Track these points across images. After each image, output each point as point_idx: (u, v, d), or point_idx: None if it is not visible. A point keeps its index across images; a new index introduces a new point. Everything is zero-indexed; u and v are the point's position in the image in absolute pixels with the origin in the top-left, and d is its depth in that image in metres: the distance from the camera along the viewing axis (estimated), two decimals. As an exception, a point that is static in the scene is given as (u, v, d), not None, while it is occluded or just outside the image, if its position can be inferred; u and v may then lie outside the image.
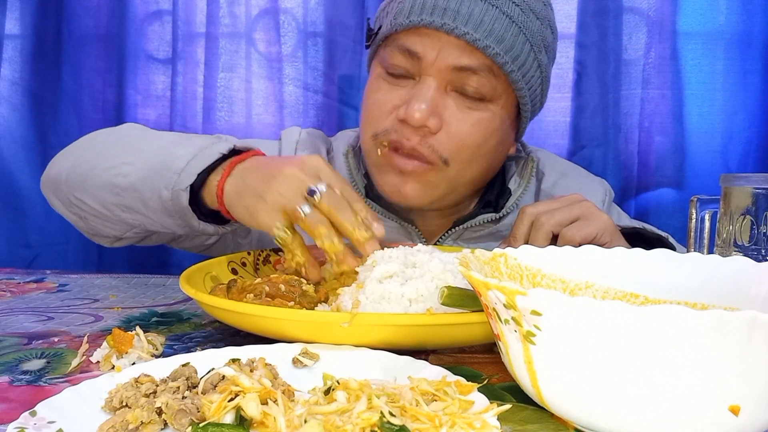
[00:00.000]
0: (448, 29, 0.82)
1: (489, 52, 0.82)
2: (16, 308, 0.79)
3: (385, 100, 0.88)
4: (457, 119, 0.86)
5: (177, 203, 0.75)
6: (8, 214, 1.58)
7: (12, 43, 1.58)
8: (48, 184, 0.92)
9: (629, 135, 1.41)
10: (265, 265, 0.86)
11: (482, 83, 0.84)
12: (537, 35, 0.87)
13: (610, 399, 0.39)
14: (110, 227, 0.88)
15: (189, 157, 0.75)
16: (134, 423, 0.41)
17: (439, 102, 0.85)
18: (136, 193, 0.79)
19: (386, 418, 0.38)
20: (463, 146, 0.86)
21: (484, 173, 0.94)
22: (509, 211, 0.97)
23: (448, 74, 0.84)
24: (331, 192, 0.67)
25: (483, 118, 0.87)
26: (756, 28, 1.35)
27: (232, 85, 1.52)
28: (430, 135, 0.85)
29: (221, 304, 0.59)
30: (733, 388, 0.36)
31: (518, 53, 0.85)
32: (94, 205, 0.84)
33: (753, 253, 0.67)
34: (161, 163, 0.77)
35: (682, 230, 0.78)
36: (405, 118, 0.84)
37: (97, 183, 0.82)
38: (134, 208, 0.81)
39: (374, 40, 0.92)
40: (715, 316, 0.34)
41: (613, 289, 0.57)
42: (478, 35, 0.82)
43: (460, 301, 0.55)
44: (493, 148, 0.90)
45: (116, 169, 0.80)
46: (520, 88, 0.87)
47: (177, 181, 0.74)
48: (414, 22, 0.84)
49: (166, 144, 0.81)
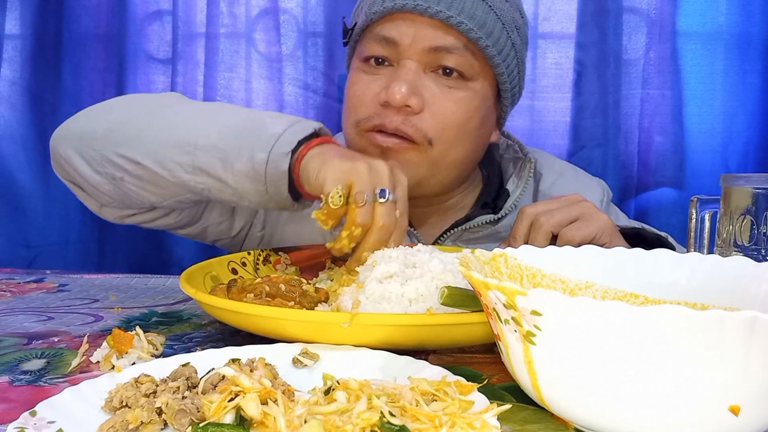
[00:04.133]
0: (421, 10, 0.84)
1: (462, 28, 0.85)
2: (16, 308, 0.79)
3: (366, 89, 0.90)
4: (439, 98, 0.87)
5: (275, 166, 0.73)
6: (8, 214, 1.58)
7: (12, 43, 1.58)
8: (67, 138, 0.86)
9: (629, 135, 1.41)
10: (265, 265, 0.86)
11: (459, 62, 0.87)
12: (507, 15, 0.89)
13: (610, 399, 0.39)
14: (153, 191, 0.82)
15: (285, 126, 0.74)
16: (134, 423, 0.41)
17: (419, 83, 0.87)
18: (217, 152, 0.75)
19: (386, 418, 0.38)
20: (446, 125, 0.88)
21: (467, 156, 0.94)
22: (508, 212, 0.98)
23: (425, 56, 0.86)
24: (392, 207, 0.68)
25: (464, 96, 0.89)
26: (756, 28, 1.35)
27: (232, 85, 1.52)
28: (413, 115, 0.87)
29: (221, 304, 0.59)
30: (733, 388, 0.36)
31: (491, 30, 0.87)
32: (147, 163, 0.79)
33: (753, 253, 0.67)
34: (252, 127, 0.76)
35: (682, 230, 0.78)
36: (387, 100, 0.85)
37: (159, 140, 0.78)
38: (207, 170, 0.76)
39: (351, 37, 0.94)
40: (715, 316, 0.34)
41: (613, 289, 0.57)
42: (451, 13, 0.84)
43: (460, 301, 0.55)
44: (475, 128, 0.91)
45: (187, 126, 0.78)
46: (496, 65, 0.89)
47: (277, 144, 0.73)
48: (388, 8, 0.86)
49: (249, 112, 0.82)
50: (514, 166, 1.03)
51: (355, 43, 0.94)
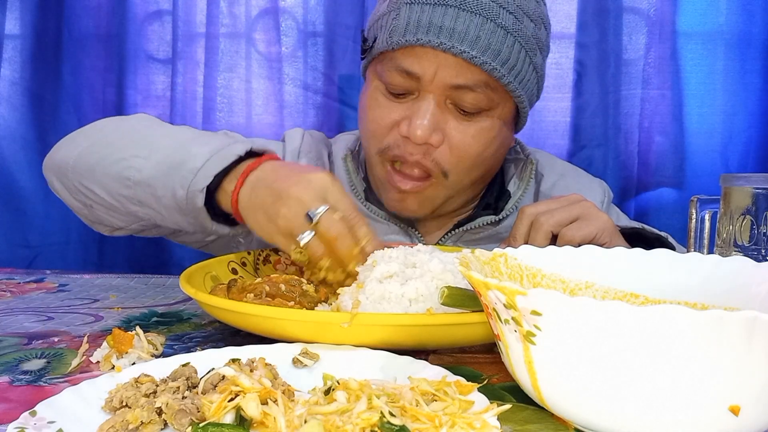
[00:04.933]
0: (444, 48, 0.82)
1: (486, 68, 0.83)
2: (16, 308, 0.79)
3: (385, 115, 0.89)
4: (458, 132, 0.87)
5: (192, 203, 0.75)
6: (8, 214, 1.58)
7: (12, 43, 1.58)
8: (52, 168, 0.91)
9: (629, 135, 1.41)
10: (265, 265, 0.86)
11: (479, 99, 0.86)
12: (531, 39, 0.87)
13: (610, 399, 0.39)
14: (117, 218, 0.87)
15: (206, 157, 0.74)
16: (134, 423, 0.41)
17: (439, 117, 0.86)
18: (149, 188, 0.78)
19: (386, 418, 0.38)
20: (464, 157, 0.88)
21: (482, 177, 0.95)
22: (509, 214, 0.98)
23: (446, 91, 0.85)
24: (329, 217, 0.66)
25: (483, 127, 0.88)
26: (756, 28, 1.35)
27: (232, 85, 1.52)
28: (433, 149, 0.87)
29: (221, 304, 0.59)
30: (733, 388, 0.36)
31: (514, 63, 0.85)
32: (102, 195, 0.83)
33: (753, 253, 0.67)
34: (177, 160, 0.76)
35: (682, 230, 0.78)
36: (408, 136, 0.85)
37: (108, 173, 0.81)
38: (146, 203, 0.80)
39: (370, 52, 0.92)
40: (715, 316, 0.34)
41: (613, 289, 0.57)
42: (475, 53, 0.82)
43: (460, 301, 0.55)
44: (492, 154, 0.92)
45: (128, 161, 0.80)
46: (518, 96, 0.89)
47: (193, 181, 0.74)
48: (410, 42, 0.84)
49: (182, 141, 0.80)
50: (515, 167, 1.03)
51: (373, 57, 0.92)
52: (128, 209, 0.83)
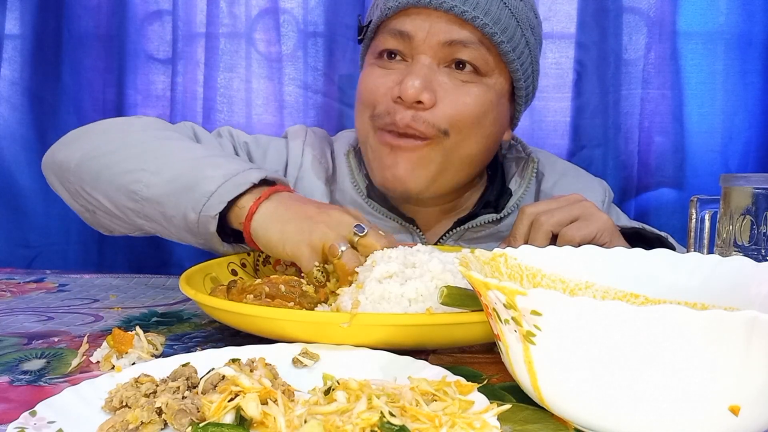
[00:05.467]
0: (436, 4, 0.84)
1: (477, 23, 0.84)
2: (16, 308, 0.79)
3: (379, 83, 0.89)
4: (453, 92, 0.87)
5: (204, 227, 0.74)
6: (8, 214, 1.57)
7: (12, 43, 1.57)
8: (51, 167, 0.89)
9: (629, 135, 1.41)
10: (265, 266, 0.86)
11: (474, 56, 0.86)
12: (522, 14, 0.89)
13: (610, 399, 0.39)
14: (120, 225, 0.86)
15: (219, 182, 0.74)
16: (134, 423, 0.41)
17: (432, 78, 0.86)
18: (158, 206, 0.77)
19: (386, 418, 0.38)
20: (460, 117, 0.87)
21: (480, 151, 0.93)
22: (510, 212, 0.98)
23: (440, 50, 0.86)
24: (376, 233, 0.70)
25: (478, 91, 0.88)
26: (756, 28, 1.34)
27: (232, 85, 1.52)
28: (424, 110, 0.86)
29: (221, 305, 0.59)
30: (733, 388, 0.36)
31: (506, 26, 0.86)
32: (106, 204, 0.82)
33: (753, 253, 0.67)
34: (189, 181, 0.75)
35: (682, 230, 0.78)
36: (399, 95, 0.85)
37: (113, 184, 0.80)
38: (153, 219, 0.80)
39: (366, 33, 0.93)
40: (715, 316, 0.34)
41: (613, 289, 0.57)
42: (466, 7, 0.84)
43: (459, 301, 0.55)
44: (490, 123, 0.91)
45: (135, 174, 0.78)
46: (511, 61, 0.89)
47: (206, 206, 0.73)
48: (403, 3, 0.86)
49: (193, 159, 0.79)
50: (516, 165, 1.03)
51: (369, 40, 0.94)
52: (133, 221, 0.83)
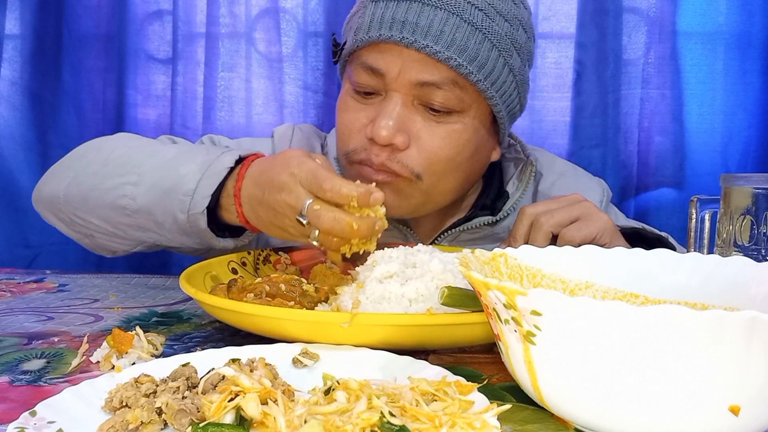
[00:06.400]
0: (407, 43, 0.80)
1: (451, 63, 0.80)
2: (16, 308, 0.79)
3: (354, 118, 0.87)
4: (426, 134, 0.84)
5: (195, 226, 0.75)
6: (8, 214, 1.58)
7: (12, 43, 1.57)
8: (43, 203, 0.90)
9: (629, 135, 1.41)
10: (265, 264, 0.86)
11: (447, 97, 0.82)
12: (505, 39, 0.84)
13: (610, 399, 0.39)
14: (120, 243, 0.87)
15: (197, 177, 0.74)
16: (134, 423, 0.41)
17: (406, 118, 0.83)
18: (149, 215, 0.78)
19: (386, 418, 0.38)
20: (434, 160, 0.84)
21: (461, 183, 0.91)
22: (507, 215, 0.97)
23: (412, 89, 0.82)
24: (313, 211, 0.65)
25: (453, 130, 0.84)
26: (755, 28, 1.35)
27: (232, 85, 1.52)
28: (398, 151, 0.83)
29: (221, 304, 0.59)
30: (733, 388, 0.36)
31: (484, 61, 0.82)
32: (101, 225, 0.83)
33: (753, 253, 0.67)
34: (168, 184, 0.75)
35: (682, 230, 0.78)
36: (372, 137, 0.82)
37: (102, 204, 0.80)
38: (148, 228, 0.80)
39: (341, 56, 0.90)
40: (715, 316, 0.34)
41: (613, 289, 0.57)
42: (439, 47, 0.79)
43: (460, 301, 0.55)
44: (467, 159, 0.88)
45: (119, 189, 0.79)
46: (490, 97, 0.85)
47: (191, 204, 0.73)
48: (373, 38, 0.82)
49: (166, 160, 0.79)
50: (515, 167, 1.02)
51: (345, 61, 0.91)
52: (132, 235, 0.83)
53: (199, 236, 0.77)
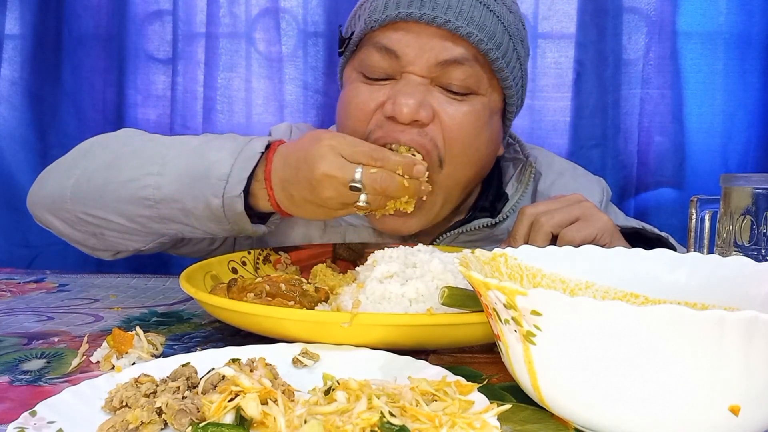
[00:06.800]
0: (428, 19, 0.79)
1: (473, 39, 0.80)
2: (16, 308, 0.79)
3: (368, 100, 0.84)
4: (448, 111, 0.83)
5: (231, 209, 0.74)
6: (8, 214, 1.57)
7: (12, 43, 1.57)
8: (41, 203, 0.87)
9: (628, 135, 1.41)
10: (265, 264, 0.86)
11: (468, 74, 0.82)
12: (513, 26, 0.86)
13: (610, 399, 0.39)
14: (134, 240, 0.84)
15: (230, 161, 0.74)
16: (134, 423, 0.41)
17: (427, 94, 0.82)
18: (175, 203, 0.76)
19: (386, 418, 0.38)
20: (457, 139, 0.83)
21: (475, 176, 0.91)
22: (506, 217, 0.96)
23: (431, 70, 0.81)
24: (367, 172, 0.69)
25: (473, 109, 0.84)
26: (755, 28, 1.35)
27: (232, 85, 1.52)
28: (425, 126, 0.82)
29: (221, 304, 0.59)
30: (733, 388, 0.36)
31: (500, 41, 0.83)
32: (117, 220, 0.80)
33: (753, 253, 0.67)
34: (199, 171, 0.75)
35: (682, 230, 0.78)
36: (393, 114, 0.80)
37: (120, 197, 0.78)
38: (173, 218, 0.78)
39: (348, 46, 0.88)
40: (715, 316, 0.34)
41: (613, 289, 0.57)
42: (461, 22, 0.79)
43: (460, 301, 0.55)
44: (484, 144, 0.88)
45: (140, 180, 0.77)
46: (505, 78, 0.85)
47: (227, 188, 0.73)
48: (391, 17, 0.80)
49: (192, 149, 0.78)
50: (514, 167, 1.02)
51: (351, 53, 0.89)
52: (150, 228, 0.81)
53: (233, 221, 0.76)
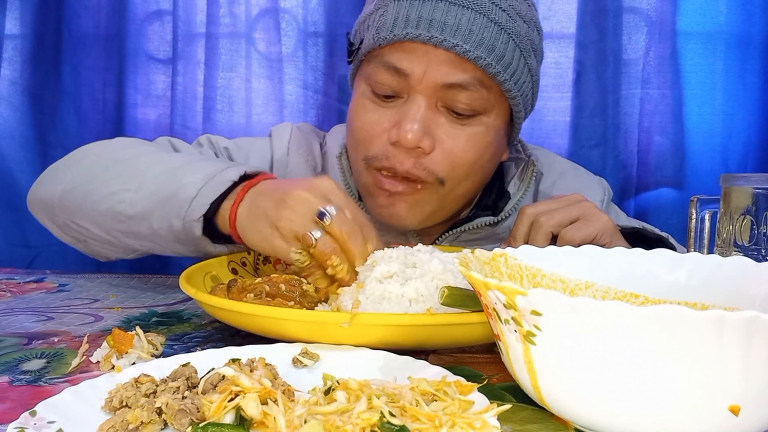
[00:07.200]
0: (436, 42, 0.78)
1: (480, 63, 0.80)
2: (16, 308, 0.79)
3: (374, 121, 0.85)
4: (451, 136, 0.83)
5: (189, 233, 0.74)
6: (8, 214, 1.57)
7: (12, 43, 1.57)
8: (37, 206, 0.90)
9: (629, 135, 1.41)
10: (265, 264, 0.86)
11: (473, 98, 0.82)
12: (525, 39, 0.84)
13: (610, 399, 0.39)
14: (113, 250, 0.86)
15: (199, 185, 0.73)
16: (134, 423, 0.41)
17: (430, 121, 0.82)
18: (144, 221, 0.77)
19: (386, 418, 0.38)
20: (458, 163, 0.84)
21: (476, 187, 0.92)
22: (508, 215, 0.97)
23: (437, 91, 0.81)
24: (342, 215, 0.65)
25: (477, 132, 0.84)
26: (755, 28, 1.35)
27: (232, 85, 1.52)
28: (424, 155, 0.83)
29: (221, 304, 0.59)
30: (733, 388, 0.36)
31: (510, 61, 0.82)
32: (95, 231, 0.82)
33: (753, 253, 0.67)
34: (170, 191, 0.74)
35: (682, 230, 0.78)
36: (398, 140, 0.81)
37: (98, 210, 0.80)
38: (142, 236, 0.79)
39: (356, 55, 0.88)
40: (715, 316, 0.34)
41: (613, 289, 0.57)
42: (468, 46, 0.79)
43: (460, 301, 0.55)
44: (487, 161, 0.89)
45: (117, 195, 0.78)
46: (513, 97, 0.85)
47: (189, 211, 0.73)
48: (399, 37, 0.80)
49: (171, 169, 0.78)
50: (516, 167, 1.02)
51: (359, 61, 0.89)
52: (124, 243, 0.82)
53: (193, 243, 0.77)
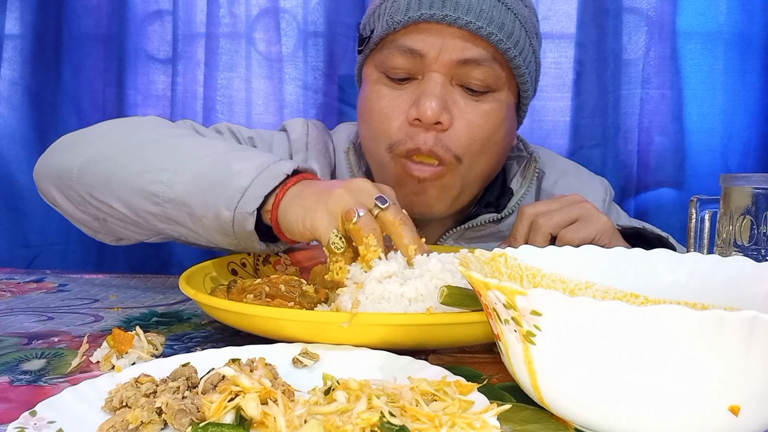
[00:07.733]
0: (450, 20, 0.81)
1: (492, 39, 0.82)
2: (16, 308, 0.79)
3: (392, 105, 0.87)
4: (467, 113, 0.85)
5: (240, 225, 0.70)
6: (8, 214, 1.57)
7: (12, 43, 1.57)
8: (48, 175, 0.84)
9: (629, 135, 1.41)
10: (265, 265, 0.86)
11: (487, 74, 0.84)
12: (529, 22, 0.88)
13: (610, 399, 0.39)
14: (136, 232, 0.81)
15: (252, 175, 0.69)
16: (134, 423, 0.41)
17: (447, 97, 0.84)
18: (184, 206, 0.72)
19: (386, 418, 0.38)
20: (474, 139, 0.86)
21: (492, 167, 0.94)
22: (511, 212, 0.97)
23: (452, 68, 0.84)
24: (398, 206, 0.67)
25: (491, 108, 0.87)
26: (756, 28, 1.35)
27: (232, 85, 1.52)
28: (442, 132, 0.85)
29: (221, 305, 0.59)
30: (733, 388, 0.36)
31: (518, 39, 0.85)
32: (122, 209, 0.77)
33: (753, 253, 0.67)
34: (217, 177, 0.70)
35: (682, 230, 0.78)
36: (418, 117, 0.83)
37: (128, 187, 0.75)
38: (178, 221, 0.74)
39: (367, 44, 0.89)
40: (715, 316, 0.34)
41: (613, 289, 0.57)
42: (481, 23, 0.81)
43: (459, 301, 0.55)
44: (501, 138, 0.91)
45: (153, 174, 0.73)
46: (521, 74, 0.88)
47: (241, 202, 0.68)
48: (414, 18, 0.83)
49: (218, 155, 0.74)
50: (518, 164, 1.03)
51: (370, 51, 0.90)
52: (154, 226, 0.77)
53: (240, 237, 0.72)
